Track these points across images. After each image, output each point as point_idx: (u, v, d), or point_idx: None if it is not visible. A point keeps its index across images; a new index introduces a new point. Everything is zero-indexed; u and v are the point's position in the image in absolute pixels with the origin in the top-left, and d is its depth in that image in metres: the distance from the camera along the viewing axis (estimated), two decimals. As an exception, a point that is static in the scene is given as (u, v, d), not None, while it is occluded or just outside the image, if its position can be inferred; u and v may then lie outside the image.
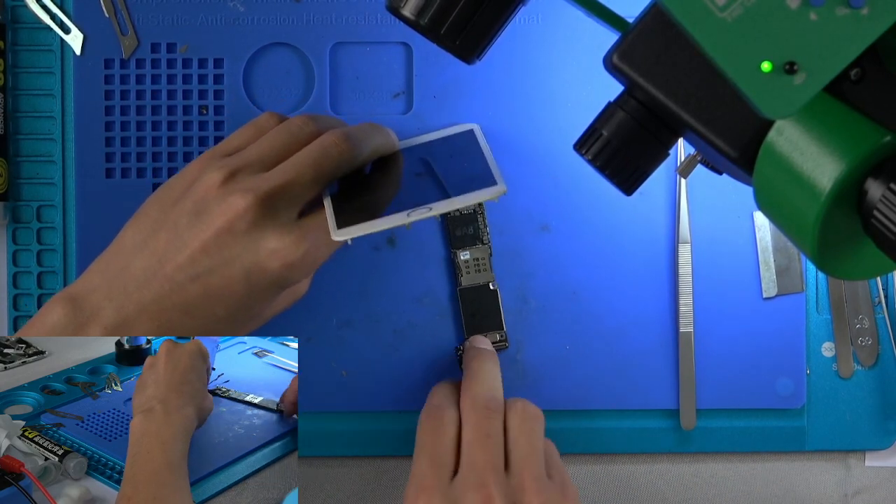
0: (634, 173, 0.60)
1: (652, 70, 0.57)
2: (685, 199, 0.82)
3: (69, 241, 0.82)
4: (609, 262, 0.82)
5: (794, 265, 0.83)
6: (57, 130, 0.82)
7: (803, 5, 0.49)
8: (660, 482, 0.84)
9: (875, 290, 0.83)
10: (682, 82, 0.57)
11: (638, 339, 0.82)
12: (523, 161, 0.82)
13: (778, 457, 0.84)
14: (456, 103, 0.82)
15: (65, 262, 0.82)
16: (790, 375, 0.82)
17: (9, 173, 0.82)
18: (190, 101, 0.82)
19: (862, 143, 0.51)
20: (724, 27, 0.49)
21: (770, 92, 0.49)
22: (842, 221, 0.52)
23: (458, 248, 0.82)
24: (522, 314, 0.82)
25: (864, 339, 0.83)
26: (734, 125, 0.56)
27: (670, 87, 0.57)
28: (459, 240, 0.82)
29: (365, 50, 0.82)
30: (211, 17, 0.82)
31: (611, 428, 0.83)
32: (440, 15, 0.62)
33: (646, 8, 0.58)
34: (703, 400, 0.82)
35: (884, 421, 0.83)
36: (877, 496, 0.85)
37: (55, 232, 0.82)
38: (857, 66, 0.52)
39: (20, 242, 0.82)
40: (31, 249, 0.82)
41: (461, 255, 0.82)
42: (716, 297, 0.82)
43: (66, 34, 0.81)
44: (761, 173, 0.54)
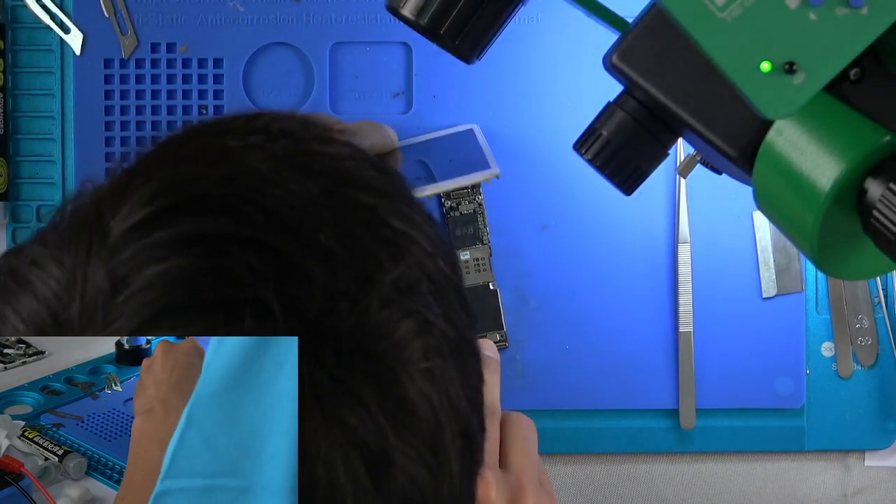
0: (634, 173, 0.60)
1: (652, 70, 0.57)
2: (685, 199, 0.82)
3: (69, 241, 0.82)
4: (609, 261, 0.82)
5: (794, 265, 0.83)
6: (57, 130, 0.82)
7: (803, 5, 0.49)
8: (660, 482, 0.84)
9: (875, 290, 0.83)
10: (682, 82, 0.57)
11: (638, 339, 0.82)
12: (523, 161, 0.82)
13: (778, 457, 0.84)
14: (456, 103, 0.82)
15: (65, 262, 0.82)
16: (790, 375, 0.82)
17: (9, 173, 0.82)
18: (190, 100, 0.82)
19: (861, 142, 0.51)
20: (723, 27, 0.49)
21: (770, 92, 0.49)
22: (841, 221, 0.52)
23: (459, 248, 0.82)
24: (522, 314, 0.82)
25: (864, 339, 0.83)
26: (734, 125, 0.56)
27: (670, 87, 0.57)
28: (460, 240, 0.82)
29: (365, 50, 0.82)
30: (211, 17, 0.82)
31: (611, 428, 0.83)
32: (440, 15, 0.62)
33: (646, 8, 0.58)
34: (703, 400, 0.82)
35: (883, 421, 0.83)
36: (876, 496, 0.85)
37: (55, 232, 0.82)
38: (856, 66, 0.52)
39: (20, 242, 0.82)
40: (30, 249, 0.82)
41: (461, 256, 0.82)
42: (715, 296, 0.82)
43: (66, 34, 0.81)
44: (761, 173, 0.54)
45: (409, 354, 0.41)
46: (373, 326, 0.40)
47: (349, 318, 0.39)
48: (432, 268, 0.44)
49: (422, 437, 0.40)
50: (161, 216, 0.40)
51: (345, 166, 0.44)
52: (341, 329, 0.39)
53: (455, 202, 0.81)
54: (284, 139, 0.44)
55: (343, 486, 0.38)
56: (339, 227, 0.41)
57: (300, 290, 0.39)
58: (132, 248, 0.39)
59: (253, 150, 0.43)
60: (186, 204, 0.40)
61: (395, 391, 0.40)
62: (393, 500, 0.39)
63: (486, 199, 0.82)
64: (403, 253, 0.42)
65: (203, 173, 0.42)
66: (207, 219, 0.40)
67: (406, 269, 0.42)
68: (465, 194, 0.81)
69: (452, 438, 0.42)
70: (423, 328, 0.41)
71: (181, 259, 0.39)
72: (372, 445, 0.39)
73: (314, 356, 0.38)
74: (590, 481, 0.84)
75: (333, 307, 0.39)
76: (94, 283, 0.39)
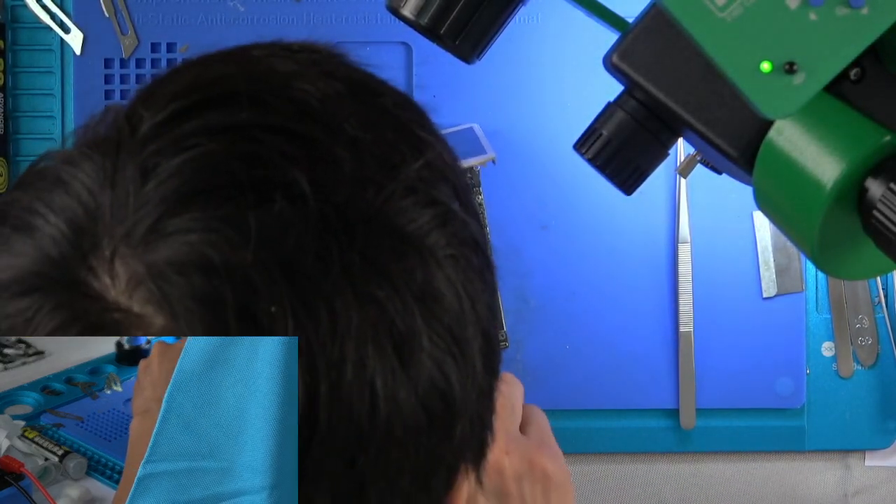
0: (634, 173, 0.60)
1: (652, 70, 0.57)
2: (685, 199, 0.82)
3: (69, 241, 0.82)
4: (609, 261, 0.82)
5: (794, 265, 0.82)
6: (57, 130, 0.82)
7: (803, 5, 0.49)
8: (659, 482, 0.84)
9: (875, 290, 0.83)
10: (682, 82, 0.57)
11: (638, 339, 0.82)
12: (523, 161, 0.82)
13: (778, 456, 0.84)
14: (456, 103, 0.82)
15: (65, 262, 0.82)
16: (790, 375, 0.82)
17: (9, 173, 0.82)
18: (190, 100, 0.82)
19: (862, 142, 0.51)
20: (723, 27, 0.49)
21: (770, 92, 0.49)
22: (842, 221, 0.52)
23: (458, 247, 0.82)
24: (522, 314, 0.82)
25: (864, 339, 0.83)
26: (734, 125, 0.56)
27: (670, 87, 0.57)
28: (459, 240, 0.82)
29: (365, 50, 0.82)
30: (211, 17, 0.82)
31: (610, 427, 0.83)
32: (440, 15, 0.62)
33: (646, 8, 0.58)
34: (703, 399, 0.82)
35: (883, 421, 0.83)
36: (876, 496, 0.85)
37: (55, 232, 0.82)
38: (856, 66, 0.52)
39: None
40: (30, 249, 0.82)
41: (461, 255, 0.82)
42: (715, 296, 0.82)
43: (66, 34, 0.81)
44: (761, 173, 0.54)
45: (435, 240, 0.42)
46: (398, 211, 0.41)
47: (375, 201, 0.40)
48: (450, 170, 0.45)
49: (447, 326, 0.41)
50: (190, 110, 0.41)
51: (367, 77, 0.46)
52: (369, 212, 0.40)
53: (455, 202, 0.81)
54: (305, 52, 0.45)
55: (372, 363, 0.39)
56: (365, 120, 0.42)
57: (329, 174, 0.40)
58: (161, 140, 0.40)
59: (277, 57, 0.44)
60: (215, 99, 0.41)
61: (423, 275, 0.41)
62: (421, 384, 0.40)
63: (487, 199, 0.82)
64: (424, 151, 0.43)
65: (230, 73, 0.43)
66: (236, 110, 0.41)
67: (427, 162, 0.43)
68: (465, 194, 0.81)
69: (475, 335, 0.42)
70: (446, 218, 0.43)
71: (211, 145, 0.40)
72: (400, 326, 0.39)
73: (344, 235, 0.39)
74: (589, 481, 0.84)
75: (361, 191, 0.40)
76: (125, 174, 0.39)
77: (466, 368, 0.42)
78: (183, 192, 0.39)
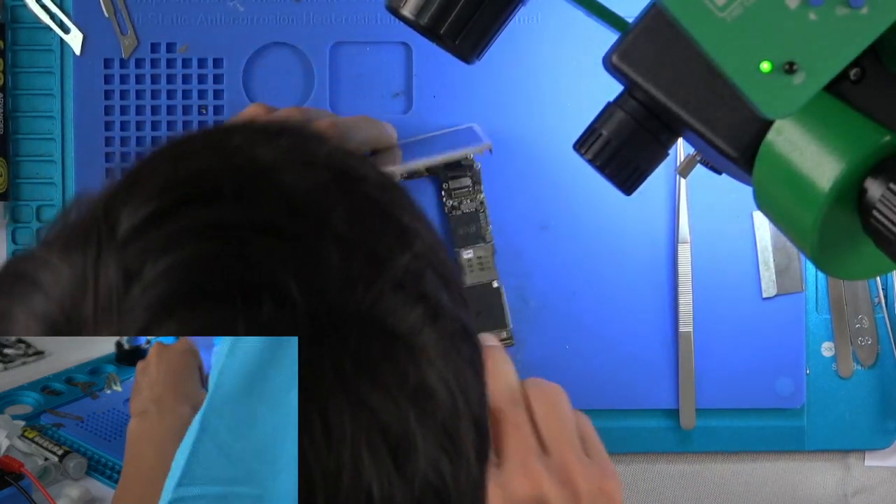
0: (634, 173, 0.60)
1: (652, 70, 0.57)
2: (685, 199, 0.82)
3: (69, 241, 0.82)
4: (609, 261, 0.82)
5: (794, 265, 0.82)
6: (57, 130, 0.82)
7: (803, 5, 0.49)
8: (660, 482, 0.84)
9: (875, 290, 0.83)
10: (682, 82, 0.57)
11: (638, 339, 0.82)
12: (523, 161, 0.82)
13: (777, 456, 0.84)
14: (456, 103, 0.82)
15: (65, 262, 0.82)
16: (790, 375, 0.82)
17: (9, 173, 0.82)
18: (190, 100, 0.82)
19: (861, 142, 0.51)
20: (723, 27, 0.49)
21: (770, 92, 0.49)
22: (841, 221, 0.52)
23: (461, 246, 0.82)
24: (522, 314, 0.82)
25: (864, 339, 0.83)
26: (734, 125, 0.56)
27: (670, 87, 0.57)
28: (462, 238, 0.82)
29: (365, 50, 0.82)
30: (211, 17, 0.82)
31: (611, 428, 0.82)
32: (440, 15, 0.62)
33: (646, 8, 0.58)
34: (703, 400, 0.82)
35: (883, 421, 0.83)
36: (876, 496, 0.85)
37: (55, 232, 0.82)
38: (856, 66, 0.52)
39: (20, 242, 0.82)
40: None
41: (464, 254, 0.82)
42: (715, 296, 0.82)
43: (66, 34, 0.81)
44: (761, 173, 0.54)
45: (426, 337, 0.41)
46: (388, 309, 0.40)
47: (364, 300, 0.40)
48: (437, 258, 0.44)
49: (440, 423, 0.41)
50: (172, 208, 0.39)
51: (347, 161, 0.45)
52: (359, 312, 0.39)
53: (457, 201, 0.81)
54: (285, 136, 0.44)
55: (368, 469, 0.38)
56: (350, 210, 0.42)
57: (317, 273, 0.39)
58: (144, 241, 0.39)
59: (257, 144, 0.43)
60: (197, 195, 0.40)
61: (416, 374, 0.40)
62: (416, 485, 0.39)
63: (487, 198, 0.82)
64: (411, 241, 0.43)
65: (211, 166, 0.42)
66: (220, 207, 0.40)
67: (414, 255, 0.42)
68: (467, 193, 0.81)
69: (468, 428, 0.42)
70: (437, 313, 0.42)
71: (196, 246, 0.39)
72: (394, 429, 0.39)
73: (335, 338, 0.38)
74: (590, 481, 0.84)
75: (350, 291, 0.39)
76: (107, 278, 0.38)
77: (460, 462, 0.42)
78: (169, 297, 0.38)
